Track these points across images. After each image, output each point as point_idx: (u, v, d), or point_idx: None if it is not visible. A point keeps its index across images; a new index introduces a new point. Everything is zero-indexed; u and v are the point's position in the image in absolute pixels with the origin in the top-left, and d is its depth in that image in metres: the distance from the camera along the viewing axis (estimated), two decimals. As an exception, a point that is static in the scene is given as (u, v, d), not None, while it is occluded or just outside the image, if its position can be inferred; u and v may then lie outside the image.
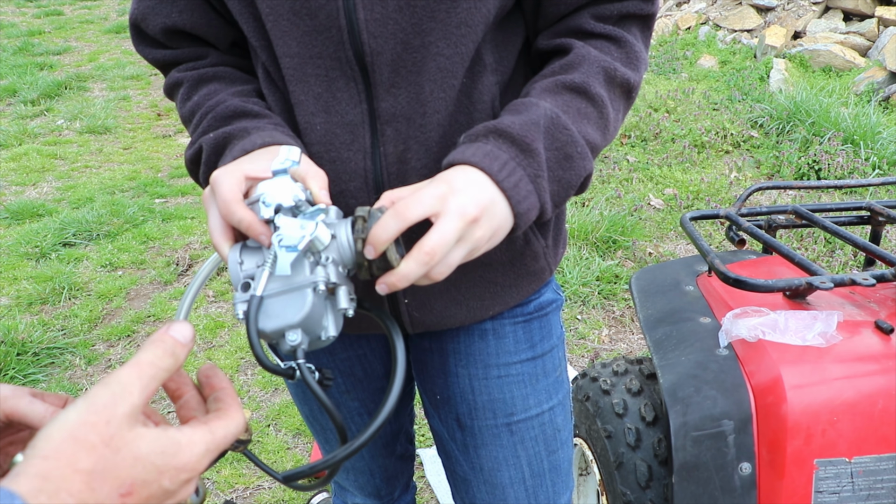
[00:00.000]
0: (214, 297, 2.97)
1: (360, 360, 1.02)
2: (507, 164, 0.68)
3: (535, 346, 0.97)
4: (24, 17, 8.08)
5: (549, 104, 0.73)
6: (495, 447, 0.98)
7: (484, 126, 0.71)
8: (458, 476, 1.05)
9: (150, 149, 4.66)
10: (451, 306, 0.89)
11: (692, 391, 1.11)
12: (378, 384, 1.06)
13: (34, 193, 3.98)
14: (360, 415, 1.07)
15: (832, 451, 1.03)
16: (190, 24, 0.84)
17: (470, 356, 0.96)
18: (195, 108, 0.84)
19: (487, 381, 0.96)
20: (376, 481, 1.18)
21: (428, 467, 2.07)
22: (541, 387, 0.98)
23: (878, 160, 3.88)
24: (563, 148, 0.72)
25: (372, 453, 1.14)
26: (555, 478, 1.03)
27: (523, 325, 0.96)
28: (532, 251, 0.89)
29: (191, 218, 3.64)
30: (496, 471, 1.00)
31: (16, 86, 5.63)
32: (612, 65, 0.77)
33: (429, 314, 0.89)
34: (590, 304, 2.85)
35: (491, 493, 1.01)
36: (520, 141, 0.69)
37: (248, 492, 2.02)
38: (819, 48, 5.39)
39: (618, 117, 0.80)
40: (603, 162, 4.20)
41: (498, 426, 0.98)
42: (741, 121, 4.63)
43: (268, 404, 2.34)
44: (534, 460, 1.00)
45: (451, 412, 1.00)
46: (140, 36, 0.89)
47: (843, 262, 3.01)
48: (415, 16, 0.73)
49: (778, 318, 1.13)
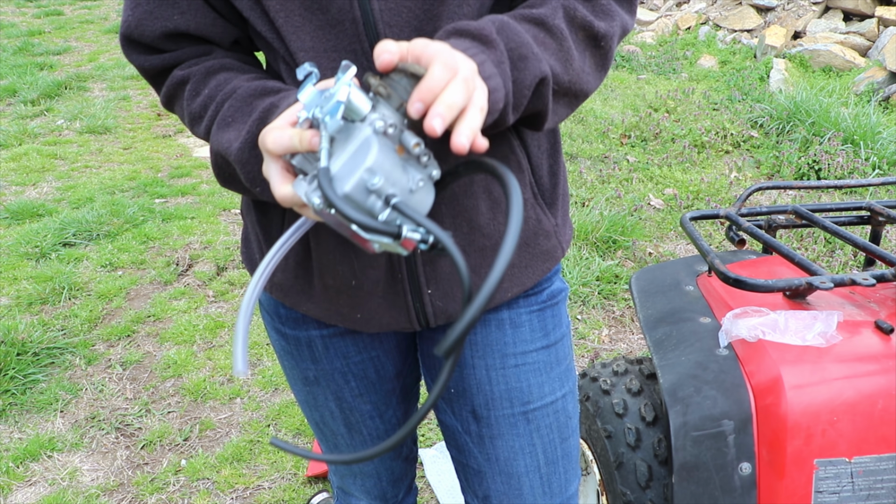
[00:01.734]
0: (214, 297, 2.97)
1: (373, 362, 1.02)
2: (469, 49, 0.68)
3: (549, 334, 0.99)
4: (24, 17, 8.08)
5: (506, 19, 0.74)
6: (511, 436, 1.00)
7: (443, 30, 0.72)
8: (471, 469, 1.05)
9: (150, 149, 4.66)
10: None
11: (692, 391, 1.11)
12: (389, 385, 1.06)
13: (34, 193, 3.98)
14: (371, 418, 1.07)
15: (832, 451, 1.03)
16: (194, 26, 0.81)
17: (487, 346, 0.97)
18: (208, 101, 0.80)
19: (504, 371, 0.98)
20: (383, 484, 1.18)
21: (428, 467, 2.07)
22: (554, 374, 1.00)
23: (878, 160, 3.88)
24: (516, 49, 0.71)
25: (380, 457, 1.14)
26: (567, 465, 1.05)
27: (538, 314, 0.98)
28: (543, 230, 0.92)
29: (191, 218, 3.64)
30: (512, 460, 1.01)
31: (16, 86, 5.63)
32: (574, 6, 0.77)
33: (451, 302, 0.90)
34: (590, 304, 2.85)
35: (506, 483, 1.02)
36: (478, 35, 0.70)
37: (248, 492, 2.02)
38: (819, 48, 5.39)
39: (584, 59, 0.79)
40: (603, 162, 4.20)
41: (515, 415, 0.99)
42: (741, 121, 4.63)
43: (268, 404, 2.34)
44: (548, 448, 1.01)
45: (467, 405, 1.00)
46: (132, 45, 0.84)
47: (843, 262, 3.01)
48: (426, 2, 0.74)
49: (778, 318, 1.13)
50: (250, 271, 0.96)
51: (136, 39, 0.83)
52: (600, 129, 4.63)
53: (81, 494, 2.01)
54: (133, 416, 2.30)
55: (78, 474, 2.08)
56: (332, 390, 1.03)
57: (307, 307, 0.93)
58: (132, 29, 0.82)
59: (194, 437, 2.23)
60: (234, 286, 3.04)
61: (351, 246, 0.85)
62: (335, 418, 1.07)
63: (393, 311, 0.89)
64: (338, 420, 1.07)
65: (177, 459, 2.14)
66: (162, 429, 2.24)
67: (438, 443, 2.16)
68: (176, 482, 2.05)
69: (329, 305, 0.91)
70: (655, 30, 7.20)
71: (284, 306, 0.98)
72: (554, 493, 1.04)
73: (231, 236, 3.45)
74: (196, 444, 2.20)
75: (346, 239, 0.83)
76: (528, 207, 0.91)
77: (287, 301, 0.94)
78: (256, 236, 0.95)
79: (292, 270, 0.91)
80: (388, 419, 1.09)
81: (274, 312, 1.01)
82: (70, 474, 2.08)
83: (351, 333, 0.99)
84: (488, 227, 0.87)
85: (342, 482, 1.20)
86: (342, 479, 1.19)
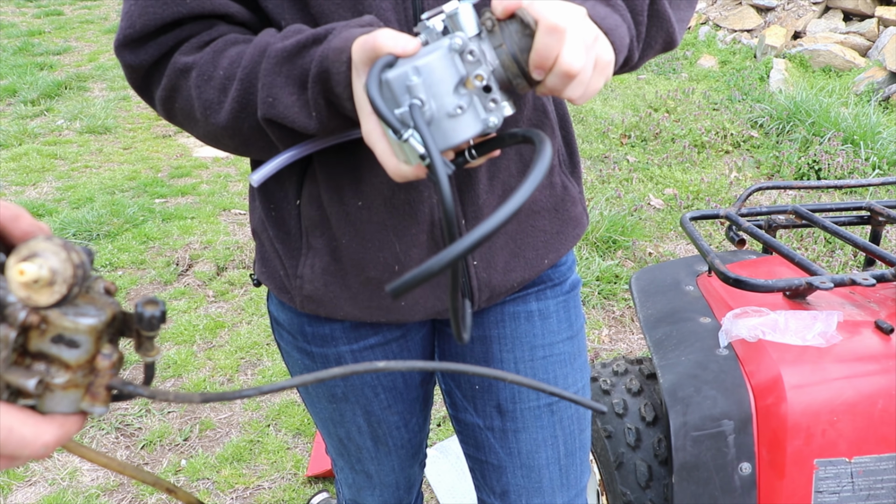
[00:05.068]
0: (214, 297, 2.97)
1: (401, 371, 1.02)
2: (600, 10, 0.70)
3: (573, 324, 1.01)
4: (24, 17, 8.07)
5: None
6: (535, 429, 1.00)
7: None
8: (491, 465, 1.05)
9: (150, 149, 4.66)
10: (511, 260, 0.91)
11: (692, 391, 1.11)
12: (415, 393, 1.06)
13: (34, 193, 3.98)
14: (397, 428, 1.06)
15: (832, 451, 1.03)
16: (209, 7, 0.73)
17: (516, 339, 0.98)
18: (230, 75, 0.71)
19: (533, 363, 0.98)
20: (400, 493, 1.17)
21: (428, 467, 2.07)
22: (577, 365, 1.02)
23: (878, 160, 3.87)
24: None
25: (402, 465, 1.13)
26: (583, 456, 1.06)
27: (563, 304, 1.00)
28: (570, 196, 0.95)
29: (191, 218, 3.64)
30: (534, 453, 1.01)
31: (16, 86, 5.63)
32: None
33: (494, 273, 0.90)
34: (590, 304, 2.85)
35: (527, 477, 1.03)
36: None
37: (248, 492, 2.02)
38: (819, 48, 5.39)
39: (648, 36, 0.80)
40: (603, 162, 4.20)
41: (540, 407, 0.99)
42: (741, 121, 4.63)
43: (268, 404, 2.34)
44: (569, 439, 1.02)
45: (492, 400, 1.01)
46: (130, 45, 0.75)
47: (843, 262, 3.01)
48: None
49: (778, 318, 1.13)
50: (274, 289, 0.94)
51: (139, 35, 0.73)
52: (600, 129, 4.63)
53: (81, 494, 2.01)
54: (133, 416, 2.30)
55: (78, 474, 2.08)
56: (361, 405, 1.02)
57: (346, 310, 0.90)
58: (135, 25, 0.73)
59: (194, 437, 2.23)
60: (234, 286, 3.03)
61: (391, 230, 0.85)
62: (362, 433, 1.05)
63: (438, 290, 0.89)
64: (365, 434, 1.06)
65: (177, 459, 2.14)
66: (162, 429, 2.24)
67: (438, 443, 2.16)
68: (176, 482, 2.05)
69: (370, 301, 0.89)
70: (655, 30, 7.19)
71: (311, 323, 0.96)
72: (570, 485, 1.05)
73: (231, 236, 3.45)
74: (196, 444, 2.20)
75: (385, 226, 0.83)
76: (555, 173, 0.93)
77: (322, 311, 0.91)
78: (276, 252, 0.92)
79: (321, 278, 0.88)
80: (412, 427, 1.09)
81: (298, 331, 0.97)
82: (70, 474, 2.08)
83: (381, 345, 0.98)
84: None
85: (358, 496, 1.17)
86: (358, 492, 1.17)
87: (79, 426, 0.43)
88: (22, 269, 0.38)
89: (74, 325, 0.40)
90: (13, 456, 0.40)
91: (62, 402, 0.41)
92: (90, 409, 0.42)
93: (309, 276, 0.89)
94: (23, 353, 0.40)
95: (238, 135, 0.75)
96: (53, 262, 0.38)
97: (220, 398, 0.45)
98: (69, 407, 0.42)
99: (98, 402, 0.43)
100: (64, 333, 0.40)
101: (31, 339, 0.40)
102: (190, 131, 0.80)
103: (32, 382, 0.39)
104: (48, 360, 0.41)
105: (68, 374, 0.41)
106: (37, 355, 0.41)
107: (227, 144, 0.78)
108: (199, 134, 0.79)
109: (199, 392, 0.59)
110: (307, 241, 0.88)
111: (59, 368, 0.41)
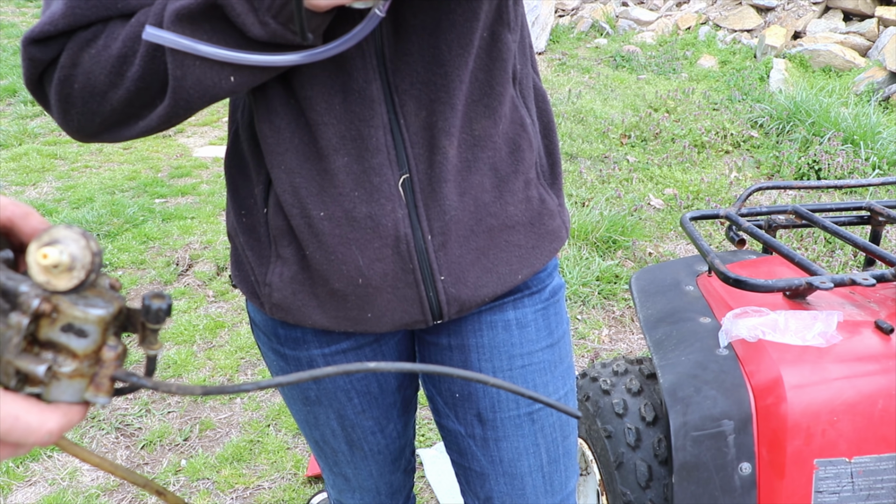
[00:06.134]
0: (214, 297, 2.97)
1: (375, 376, 1.02)
2: None
3: (553, 332, 0.99)
4: (24, 17, 8.07)
5: None
6: (517, 437, 0.99)
7: None
8: (474, 472, 1.05)
9: (150, 149, 4.66)
10: (483, 276, 0.89)
11: (692, 391, 1.11)
12: (391, 399, 1.06)
13: (34, 193, 3.98)
14: (373, 433, 1.06)
15: (832, 451, 1.03)
16: (137, 6, 0.70)
17: (494, 349, 0.97)
18: (139, 22, 0.68)
19: (511, 373, 0.98)
20: (381, 498, 1.17)
21: (428, 467, 2.07)
22: (558, 373, 1.00)
23: (878, 160, 3.88)
24: None
25: (380, 471, 1.13)
26: (567, 462, 1.05)
27: (542, 312, 0.98)
28: (548, 210, 0.92)
29: (191, 218, 3.64)
30: (516, 461, 1.01)
31: (16, 86, 5.63)
32: None
33: (464, 288, 0.88)
34: (590, 304, 2.85)
35: (510, 484, 1.02)
36: None
37: (248, 492, 2.02)
38: (819, 48, 5.39)
39: None
40: (603, 162, 4.20)
41: (520, 416, 0.99)
42: (741, 121, 4.63)
43: (268, 404, 2.34)
44: (551, 446, 1.02)
45: (472, 408, 1.00)
46: (44, 41, 0.70)
47: (843, 262, 3.01)
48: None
49: (778, 318, 1.13)
50: (246, 293, 0.94)
51: (57, 34, 0.69)
52: (600, 129, 4.63)
53: (81, 494, 2.01)
54: (133, 416, 2.30)
55: (78, 474, 2.08)
56: (335, 409, 1.02)
57: (314, 319, 0.90)
58: (57, 24, 0.69)
59: (194, 437, 2.23)
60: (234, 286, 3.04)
61: (353, 244, 0.84)
62: (336, 436, 1.05)
63: (405, 304, 0.88)
64: (339, 438, 1.05)
65: (177, 459, 2.14)
66: (162, 429, 2.24)
67: (438, 443, 2.16)
68: (176, 482, 2.05)
69: (337, 312, 0.89)
70: (655, 30, 7.20)
71: (283, 326, 0.96)
72: (555, 491, 1.04)
73: (231, 236, 3.45)
74: (196, 444, 2.20)
75: (347, 239, 0.82)
76: (531, 187, 0.91)
77: (290, 318, 0.91)
78: (247, 258, 0.92)
79: (289, 287, 0.88)
80: (388, 433, 1.08)
81: (272, 333, 0.98)
82: (70, 474, 2.08)
83: (353, 350, 0.97)
84: (494, 206, 0.86)
85: (340, 496, 1.19)
86: (340, 493, 1.18)
87: (81, 415, 0.44)
88: (45, 252, 0.40)
89: (84, 314, 0.42)
90: (18, 443, 0.42)
91: (67, 391, 0.43)
92: (94, 398, 0.44)
93: (277, 285, 0.88)
94: (32, 342, 0.42)
95: (156, 80, 0.69)
96: (73, 248, 0.40)
97: (221, 391, 0.46)
98: (73, 396, 0.43)
99: (101, 393, 0.44)
100: (74, 322, 0.42)
101: (41, 327, 0.42)
102: (89, 116, 0.73)
103: (42, 369, 0.41)
104: (56, 349, 0.42)
105: (75, 363, 0.42)
106: (45, 344, 0.42)
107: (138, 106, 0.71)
108: (104, 111, 0.72)
109: (200, 385, 0.59)
110: (276, 250, 0.87)
111: (66, 357, 0.42)
